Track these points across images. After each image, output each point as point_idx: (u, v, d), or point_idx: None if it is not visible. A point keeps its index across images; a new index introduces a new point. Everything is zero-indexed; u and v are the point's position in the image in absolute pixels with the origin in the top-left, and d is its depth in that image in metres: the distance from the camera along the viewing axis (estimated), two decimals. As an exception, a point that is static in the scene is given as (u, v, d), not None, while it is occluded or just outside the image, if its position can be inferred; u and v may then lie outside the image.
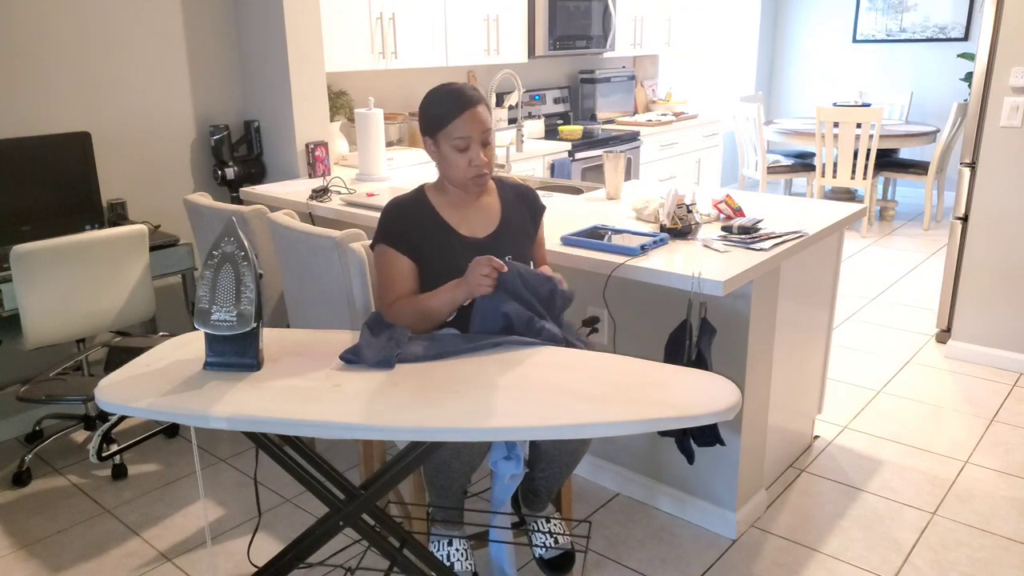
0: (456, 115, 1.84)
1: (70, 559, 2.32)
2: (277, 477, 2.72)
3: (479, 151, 1.87)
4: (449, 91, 1.87)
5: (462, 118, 1.83)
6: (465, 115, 1.84)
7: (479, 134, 1.85)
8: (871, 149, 5.55)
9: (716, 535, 2.36)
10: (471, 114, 1.84)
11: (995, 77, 3.30)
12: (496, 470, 1.85)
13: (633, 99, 5.75)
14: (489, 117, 1.90)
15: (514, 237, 1.98)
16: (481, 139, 1.86)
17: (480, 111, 1.86)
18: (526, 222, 2.03)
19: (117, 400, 1.45)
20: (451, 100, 1.85)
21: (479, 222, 1.97)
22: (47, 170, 2.92)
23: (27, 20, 2.92)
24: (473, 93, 1.87)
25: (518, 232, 2.00)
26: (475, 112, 1.85)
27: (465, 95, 1.85)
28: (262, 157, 3.59)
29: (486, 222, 1.98)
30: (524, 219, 2.03)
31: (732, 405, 1.42)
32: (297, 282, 2.52)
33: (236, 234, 1.55)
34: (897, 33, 6.71)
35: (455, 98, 1.85)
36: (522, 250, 1.99)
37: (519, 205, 2.03)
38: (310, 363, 1.62)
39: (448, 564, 1.93)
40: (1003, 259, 3.41)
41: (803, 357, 2.65)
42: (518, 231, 2.00)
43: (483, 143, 1.87)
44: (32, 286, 2.52)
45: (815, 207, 2.61)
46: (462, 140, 1.85)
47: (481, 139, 1.86)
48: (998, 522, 2.40)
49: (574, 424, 1.37)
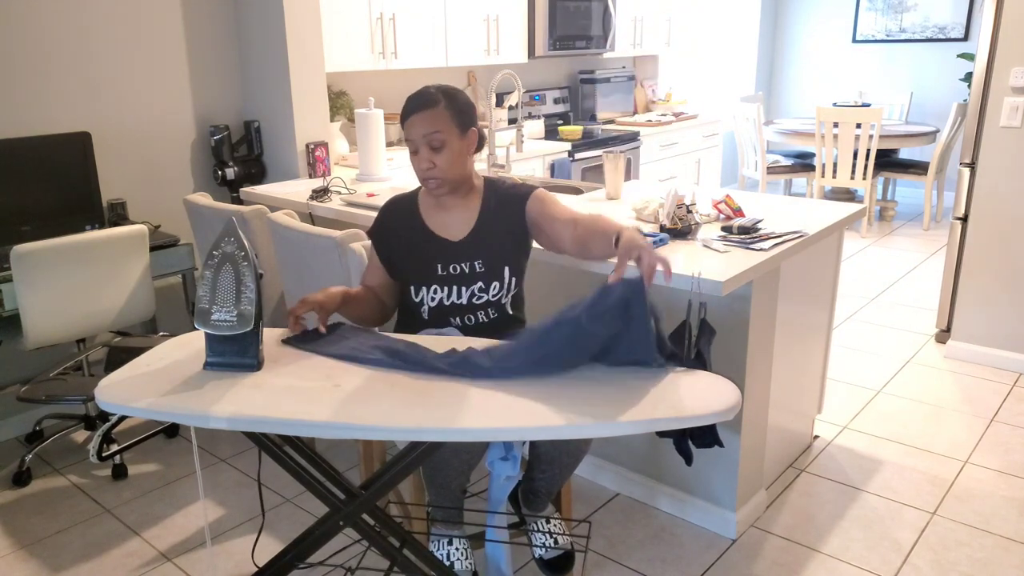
0: (406, 117, 1.87)
1: (70, 559, 2.32)
2: (277, 477, 2.72)
3: (428, 155, 1.86)
4: (414, 94, 1.89)
5: (410, 120, 1.86)
6: (413, 118, 1.86)
7: (422, 138, 1.85)
8: (871, 149, 5.55)
9: (716, 535, 2.36)
10: (419, 117, 1.85)
11: (995, 77, 3.30)
12: (492, 470, 1.85)
13: (633, 99, 5.75)
14: (446, 120, 1.86)
15: (490, 239, 1.95)
16: (428, 142, 1.85)
17: (430, 115, 1.84)
18: (510, 221, 1.97)
19: (117, 400, 1.45)
20: (408, 102, 1.88)
21: (456, 224, 1.97)
22: (47, 170, 2.92)
23: (27, 20, 2.92)
24: (427, 97, 1.86)
25: (497, 234, 1.96)
26: (424, 115, 1.84)
27: (420, 97, 1.87)
28: (262, 157, 3.59)
29: (463, 224, 1.97)
30: (507, 219, 1.97)
31: (732, 405, 1.42)
32: (297, 282, 2.52)
33: (236, 234, 1.55)
34: (897, 33, 6.71)
35: (411, 100, 1.88)
36: (502, 253, 1.96)
37: (502, 206, 1.98)
38: (310, 363, 1.62)
39: (448, 564, 1.94)
40: (1003, 259, 3.42)
41: (803, 357, 2.65)
42: (497, 234, 1.96)
43: (431, 147, 1.86)
44: (32, 286, 2.52)
45: (815, 207, 2.61)
46: (411, 143, 1.88)
47: (428, 142, 1.85)
48: (998, 522, 2.40)
49: (573, 424, 1.36)
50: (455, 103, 1.88)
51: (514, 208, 1.98)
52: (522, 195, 1.99)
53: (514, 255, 1.98)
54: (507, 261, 1.96)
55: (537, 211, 1.96)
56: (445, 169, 1.88)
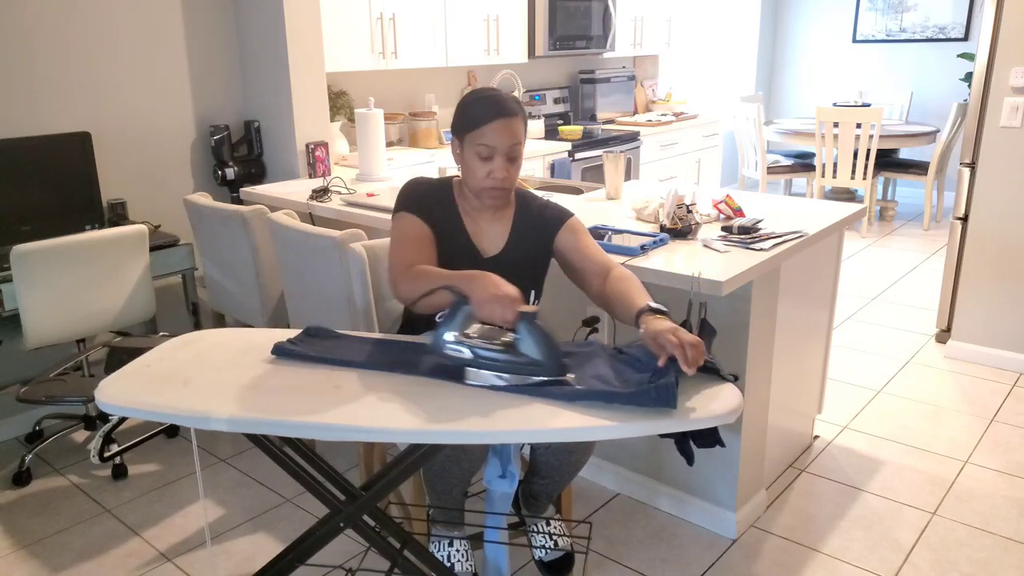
0: (487, 121, 1.75)
1: (70, 559, 2.32)
2: (277, 477, 2.72)
3: (503, 164, 1.78)
4: (488, 95, 1.78)
5: (492, 125, 1.74)
6: (496, 123, 1.74)
7: (506, 146, 1.76)
8: (871, 149, 5.55)
9: (716, 535, 2.36)
10: (503, 123, 1.75)
11: (995, 77, 3.30)
12: (490, 487, 1.84)
13: (633, 99, 5.75)
14: (523, 132, 1.80)
15: (519, 260, 1.89)
16: (507, 152, 1.77)
17: (514, 123, 1.77)
18: (539, 244, 1.91)
19: (117, 401, 1.45)
20: (487, 104, 1.76)
21: (489, 236, 1.89)
22: (47, 170, 2.92)
23: (27, 20, 2.92)
24: (513, 104, 1.78)
25: (527, 255, 1.90)
26: (508, 123, 1.75)
27: (503, 103, 1.76)
28: (262, 157, 3.59)
29: (496, 238, 1.90)
30: (537, 241, 1.91)
31: (734, 408, 1.42)
32: (297, 282, 2.52)
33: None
34: (897, 33, 6.71)
35: (492, 103, 1.76)
36: (531, 275, 1.91)
37: (534, 228, 1.91)
38: (310, 364, 1.62)
39: (448, 565, 1.93)
40: (1003, 259, 3.41)
41: (803, 357, 2.65)
42: (527, 255, 1.90)
43: (509, 157, 1.78)
44: (32, 286, 2.52)
45: (815, 207, 2.61)
46: (486, 148, 1.76)
47: (507, 152, 1.77)
48: (998, 522, 2.40)
49: (575, 427, 1.36)
50: (526, 116, 1.84)
51: (545, 232, 1.91)
52: (555, 220, 1.91)
53: (540, 278, 1.94)
54: (533, 284, 1.92)
55: (569, 244, 1.88)
56: (513, 181, 1.82)
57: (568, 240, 1.88)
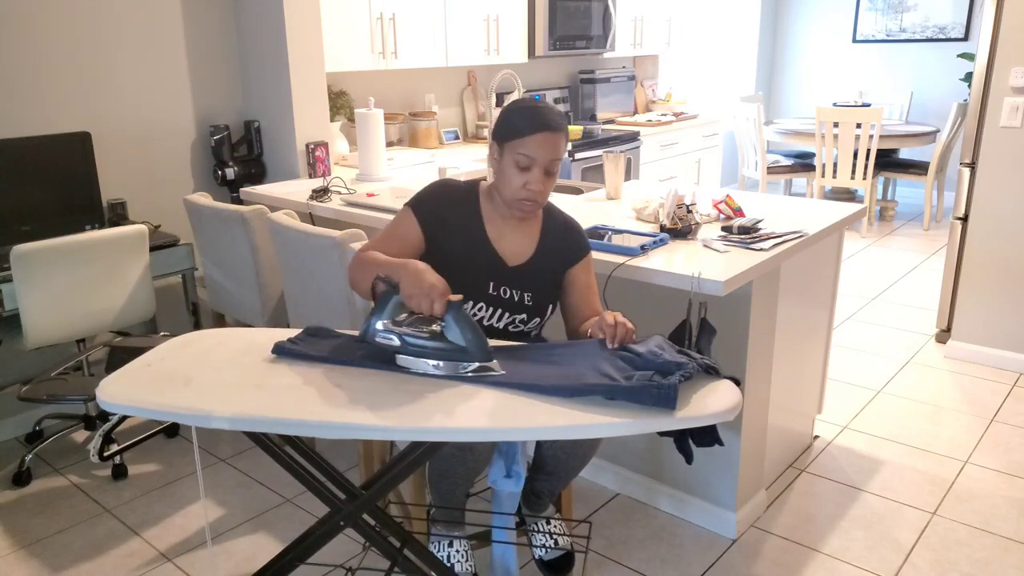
0: (531, 132, 1.76)
1: (70, 559, 2.32)
2: (277, 477, 2.72)
3: (540, 177, 1.79)
4: (535, 107, 1.79)
5: (535, 137, 1.76)
6: (540, 135, 1.76)
7: (546, 160, 1.78)
8: (871, 149, 5.55)
9: (716, 535, 2.36)
10: (546, 137, 1.76)
11: (995, 77, 3.30)
12: (496, 487, 1.85)
13: (633, 99, 5.75)
14: (563, 149, 1.82)
15: (543, 274, 1.91)
16: (547, 166, 1.79)
17: (557, 138, 1.78)
18: (560, 264, 1.93)
19: (118, 400, 1.45)
20: (532, 115, 1.77)
21: (514, 246, 1.89)
22: (47, 170, 2.92)
23: (27, 20, 2.92)
24: (559, 120, 1.79)
25: (550, 271, 1.92)
26: (551, 136, 1.77)
27: (549, 117, 1.78)
28: (262, 157, 3.59)
29: (521, 249, 1.90)
30: (559, 262, 1.93)
31: (733, 406, 1.42)
32: (297, 282, 2.52)
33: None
34: (897, 33, 6.71)
35: (539, 115, 1.77)
36: (551, 290, 1.92)
37: (560, 242, 1.93)
38: (310, 363, 1.62)
39: (448, 565, 1.94)
40: (1003, 259, 3.42)
41: (803, 357, 2.65)
42: (550, 271, 1.92)
43: (547, 171, 1.80)
44: (32, 286, 2.52)
45: (815, 207, 2.61)
46: (526, 158, 1.77)
47: (547, 166, 1.79)
48: (998, 522, 2.40)
49: (575, 425, 1.37)
50: (568, 133, 1.85)
51: (567, 255, 1.94)
52: (576, 248, 1.95)
53: (557, 294, 1.96)
54: (552, 299, 1.93)
55: (579, 279, 1.93)
56: (546, 196, 1.84)
57: (580, 276, 1.94)
